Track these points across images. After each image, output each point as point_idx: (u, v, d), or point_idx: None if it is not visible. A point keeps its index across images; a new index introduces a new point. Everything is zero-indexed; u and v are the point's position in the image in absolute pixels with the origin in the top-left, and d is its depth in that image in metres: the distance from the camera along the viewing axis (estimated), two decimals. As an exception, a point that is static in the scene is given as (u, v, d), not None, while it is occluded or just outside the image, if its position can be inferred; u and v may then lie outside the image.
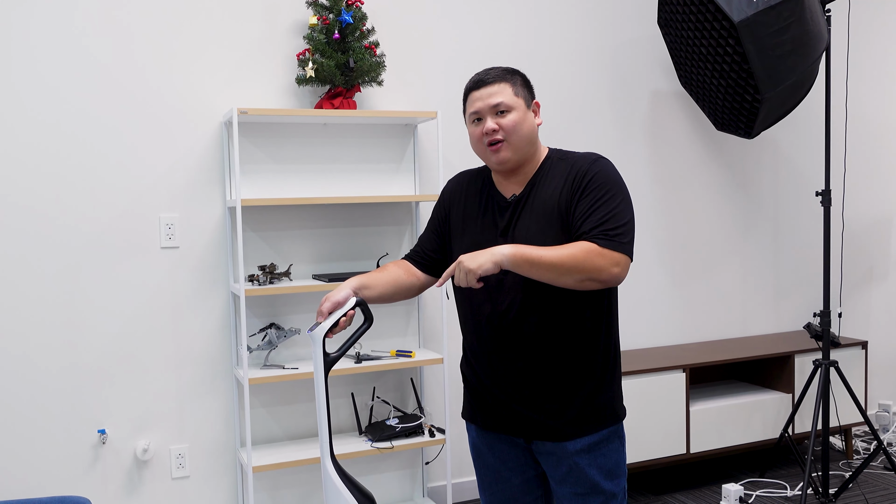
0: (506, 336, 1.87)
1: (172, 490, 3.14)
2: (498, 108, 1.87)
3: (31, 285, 2.92)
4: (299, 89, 3.25)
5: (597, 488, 1.87)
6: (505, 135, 1.86)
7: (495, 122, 1.87)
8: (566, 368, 1.86)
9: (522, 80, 1.93)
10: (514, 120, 1.87)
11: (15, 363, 2.91)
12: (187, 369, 3.14)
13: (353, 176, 3.35)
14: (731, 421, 3.70)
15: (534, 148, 1.92)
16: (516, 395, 1.89)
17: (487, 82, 1.89)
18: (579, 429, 1.86)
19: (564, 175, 1.88)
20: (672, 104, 3.96)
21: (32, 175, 2.91)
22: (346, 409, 3.38)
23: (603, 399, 1.88)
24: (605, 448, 1.89)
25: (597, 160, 1.88)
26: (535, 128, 1.92)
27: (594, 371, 1.88)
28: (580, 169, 1.86)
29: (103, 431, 3.01)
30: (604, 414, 1.88)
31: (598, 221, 1.79)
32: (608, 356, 1.90)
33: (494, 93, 1.87)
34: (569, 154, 1.93)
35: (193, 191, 3.12)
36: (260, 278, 3.06)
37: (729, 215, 4.15)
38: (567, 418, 1.86)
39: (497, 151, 1.87)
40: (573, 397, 1.86)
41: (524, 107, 1.90)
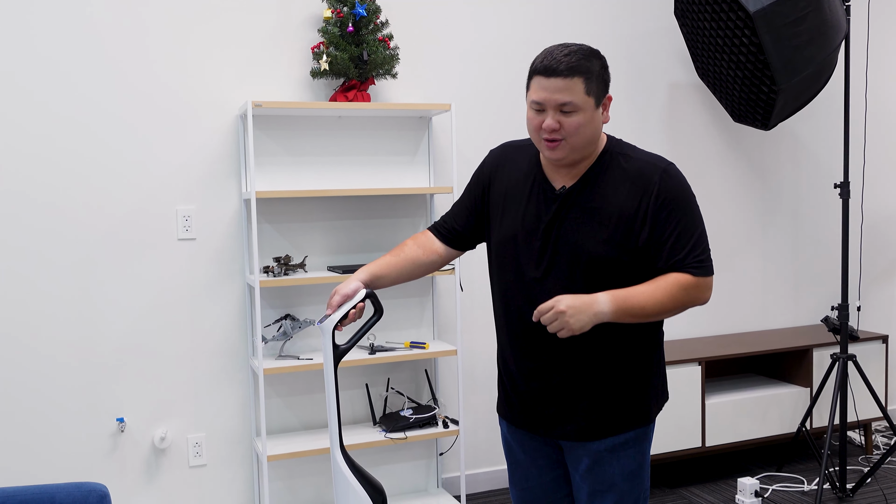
0: (539, 339, 1.81)
1: (190, 478, 3.18)
2: (564, 107, 1.71)
3: (51, 277, 2.97)
4: (314, 82, 3.28)
5: (615, 487, 1.84)
6: (566, 135, 1.72)
7: (557, 121, 1.72)
8: (599, 372, 1.80)
9: (600, 70, 1.75)
10: (579, 122, 1.71)
11: (36, 354, 2.96)
12: (204, 359, 3.18)
13: (367, 168, 3.37)
14: (748, 415, 3.68)
15: (593, 146, 1.79)
16: (545, 394, 1.84)
17: (560, 73, 1.70)
18: (605, 429, 1.82)
19: (630, 181, 1.76)
20: (689, 96, 3.93)
21: (50, 170, 2.96)
22: (361, 400, 3.41)
23: (634, 401, 1.83)
24: (630, 449, 1.84)
25: (668, 170, 1.77)
26: (601, 127, 1.77)
27: (628, 374, 1.82)
28: (654, 183, 1.75)
29: (122, 420, 3.06)
30: (633, 415, 1.83)
31: (688, 250, 1.75)
32: (646, 359, 1.84)
33: (564, 88, 1.70)
34: (631, 152, 1.81)
35: (209, 183, 3.16)
36: (275, 269, 3.09)
37: (747, 208, 4.12)
38: (593, 419, 1.81)
39: (553, 149, 1.74)
40: (603, 399, 1.81)
41: (593, 107, 1.73)
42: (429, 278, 3.48)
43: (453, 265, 3.26)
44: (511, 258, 1.84)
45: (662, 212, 1.74)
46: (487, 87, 3.56)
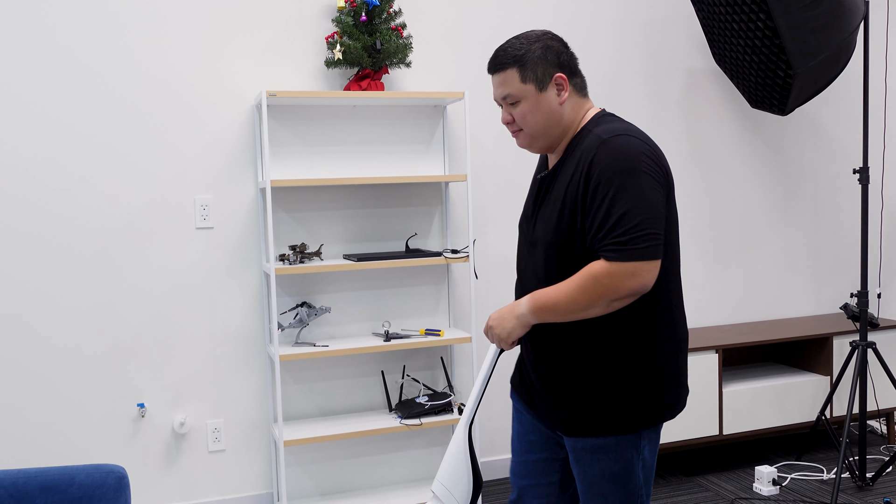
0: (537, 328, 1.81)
1: (209, 463, 3.24)
2: (507, 100, 1.77)
3: (73, 266, 3.04)
4: (328, 72, 3.30)
5: (598, 486, 1.80)
6: (520, 125, 1.78)
7: (508, 113, 1.79)
8: (584, 370, 1.75)
9: (540, 53, 1.74)
10: (523, 111, 1.76)
11: (58, 341, 3.03)
12: (222, 346, 3.23)
13: (382, 157, 3.39)
14: (766, 403, 3.66)
15: (560, 128, 1.77)
16: (540, 381, 1.84)
17: (495, 69, 1.77)
18: (584, 428, 1.77)
19: (578, 158, 1.71)
20: (707, 82, 3.90)
21: (71, 160, 3.02)
22: (377, 387, 3.44)
23: (613, 406, 1.73)
24: (610, 454, 1.76)
25: (608, 141, 1.67)
26: (558, 109, 1.75)
27: (609, 377, 1.73)
28: (590, 157, 1.68)
29: (142, 405, 3.12)
30: (611, 421, 1.74)
31: (606, 230, 1.63)
32: (634, 366, 1.73)
33: (500, 83, 1.77)
34: (594, 127, 1.74)
35: (226, 173, 3.20)
36: (290, 257, 3.13)
37: (767, 194, 4.08)
38: (574, 415, 1.78)
39: (517, 139, 1.82)
40: (584, 397, 1.75)
41: (535, 92, 1.74)
42: (443, 266, 3.50)
43: (467, 253, 3.27)
44: (521, 235, 1.92)
45: (591, 187, 1.65)
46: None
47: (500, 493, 3.50)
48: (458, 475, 1.97)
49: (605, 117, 1.77)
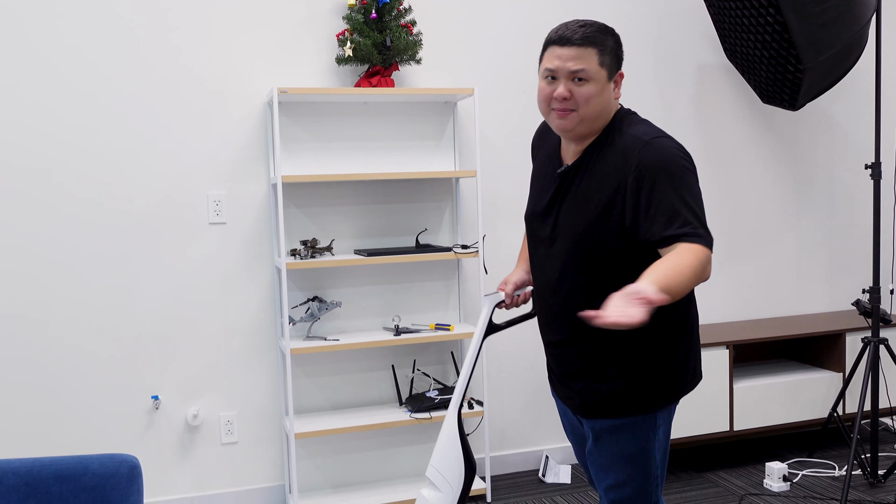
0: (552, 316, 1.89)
1: (222, 455, 3.29)
2: (577, 74, 1.72)
3: (90, 261, 3.09)
4: (340, 69, 3.34)
5: (615, 467, 1.88)
6: (576, 105, 1.73)
7: (568, 90, 1.73)
8: (600, 355, 1.82)
9: (614, 44, 1.76)
10: (590, 92, 1.72)
11: (76, 334, 3.09)
12: (235, 340, 3.28)
13: (393, 153, 3.42)
14: (777, 399, 3.65)
15: (603, 120, 1.78)
16: (558, 366, 1.93)
17: (574, 42, 1.71)
18: (603, 410, 1.85)
19: (616, 157, 1.73)
20: (719, 78, 3.89)
21: (87, 158, 3.07)
22: (387, 381, 3.47)
23: (629, 389, 1.82)
24: (628, 433, 1.85)
25: (651, 143, 1.70)
26: (610, 103, 1.77)
27: (627, 362, 1.81)
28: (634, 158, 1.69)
29: (157, 398, 3.17)
30: (631, 402, 1.82)
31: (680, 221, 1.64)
32: (651, 350, 1.80)
33: (577, 57, 1.71)
34: (627, 127, 1.76)
35: (239, 169, 3.24)
36: (302, 252, 3.17)
37: (781, 190, 4.06)
38: (592, 398, 1.86)
39: (563, 118, 1.75)
40: (601, 381, 1.83)
41: (605, 79, 1.74)
42: (454, 261, 3.52)
43: (477, 248, 3.29)
44: (531, 235, 1.93)
45: (644, 186, 1.67)
46: (512, 71, 3.58)
47: (509, 486, 3.52)
48: (451, 459, 2.00)
49: (630, 116, 1.81)
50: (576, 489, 3.47)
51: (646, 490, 1.90)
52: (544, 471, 3.59)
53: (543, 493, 3.44)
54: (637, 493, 1.90)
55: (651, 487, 1.91)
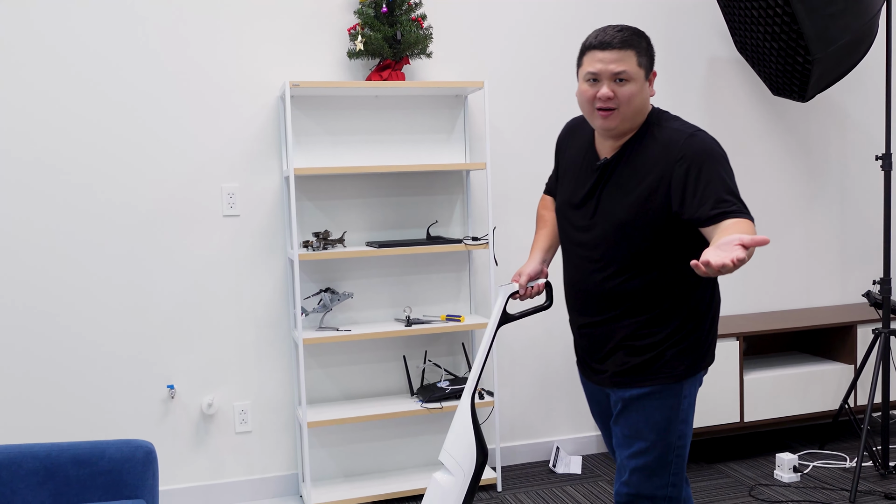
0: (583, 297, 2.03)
1: (236, 443, 3.34)
2: (619, 76, 1.86)
3: (109, 252, 3.16)
4: (351, 63, 3.38)
5: (641, 435, 2.00)
6: (619, 104, 1.88)
7: (611, 90, 1.87)
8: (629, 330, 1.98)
9: (647, 46, 1.91)
10: (631, 91, 1.87)
11: (94, 324, 3.16)
12: (249, 330, 3.33)
13: (404, 147, 3.46)
14: (788, 391, 3.65)
15: (640, 118, 1.93)
16: (588, 344, 2.07)
17: (614, 46, 1.87)
18: (631, 380, 1.99)
19: (659, 149, 1.89)
20: (729, 71, 3.90)
21: (102, 152, 3.14)
22: (399, 372, 3.51)
23: (656, 359, 1.97)
24: (655, 401, 1.98)
25: (694, 135, 1.87)
26: (647, 100, 1.92)
27: (655, 335, 1.96)
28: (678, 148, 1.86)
29: (172, 387, 3.23)
30: (658, 372, 1.97)
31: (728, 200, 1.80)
32: (678, 323, 1.96)
33: (619, 59, 1.86)
34: (666, 123, 1.92)
35: (253, 162, 3.29)
36: (314, 244, 3.21)
37: (792, 182, 4.06)
38: (621, 370, 2.00)
39: (606, 118, 1.90)
40: (630, 353, 1.98)
41: (643, 78, 1.89)
42: (464, 253, 3.56)
43: (487, 240, 3.33)
44: (565, 223, 2.06)
45: (691, 172, 1.84)
46: (522, 64, 3.61)
47: (520, 476, 3.55)
48: (464, 444, 2.05)
49: (665, 114, 1.98)
50: (586, 479, 3.49)
51: (666, 460, 2.01)
52: (555, 461, 3.62)
53: (554, 483, 3.47)
54: (657, 461, 2.01)
55: (671, 457, 2.01)
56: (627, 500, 2.05)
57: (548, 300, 2.23)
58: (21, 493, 2.39)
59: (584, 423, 3.81)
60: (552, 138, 3.67)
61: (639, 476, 2.02)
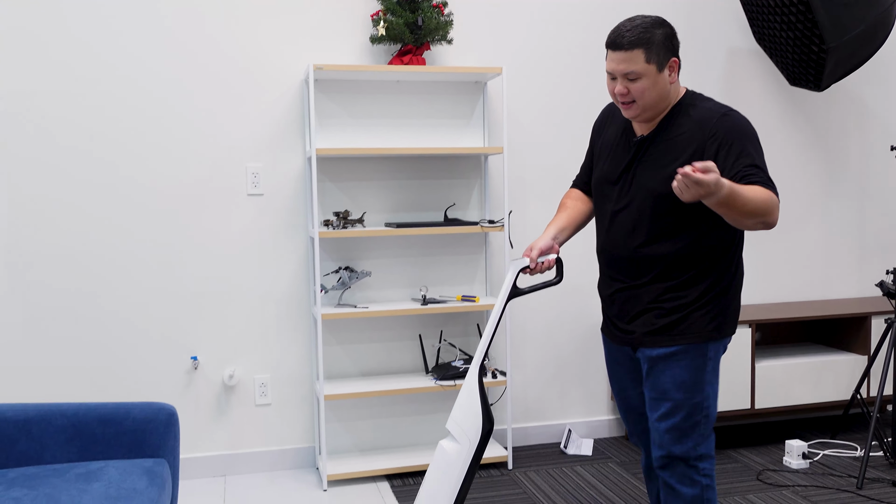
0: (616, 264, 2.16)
1: (256, 415, 3.46)
2: (628, 75, 2.00)
3: (140, 229, 3.29)
4: (373, 48, 3.48)
5: (668, 395, 2.11)
6: (635, 97, 2.02)
7: (625, 87, 2.01)
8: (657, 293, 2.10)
9: (662, 38, 1.99)
10: (643, 87, 2.00)
11: (125, 297, 3.29)
12: (270, 306, 3.44)
13: (424, 131, 3.55)
14: (800, 379, 3.68)
15: (665, 102, 2.05)
16: (617, 309, 2.18)
17: (622, 47, 1.99)
18: (659, 341, 2.11)
19: (693, 125, 2.02)
20: (749, 62, 3.93)
21: (141, 134, 3.27)
22: (415, 351, 3.60)
23: (683, 319, 2.08)
24: (682, 361, 2.09)
25: (728, 113, 2.01)
26: (668, 87, 2.03)
27: (682, 297, 2.08)
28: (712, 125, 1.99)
29: (195, 358, 3.35)
30: (684, 332, 2.08)
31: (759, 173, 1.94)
32: (703, 288, 2.08)
33: (626, 60, 1.99)
34: (700, 103, 2.06)
35: (277, 143, 3.40)
36: (334, 223, 3.31)
37: (810, 173, 4.08)
38: (649, 331, 2.11)
39: (627, 109, 2.05)
40: (658, 315, 2.10)
41: (655, 72, 1.99)
42: (481, 236, 3.64)
43: (503, 223, 3.40)
44: (602, 198, 2.20)
45: (723, 146, 1.98)
46: (541, 51, 3.68)
47: (530, 456, 3.62)
48: (470, 414, 2.12)
49: (698, 95, 2.11)
50: (597, 460, 3.55)
51: (695, 419, 2.11)
52: (566, 443, 3.68)
53: (564, 463, 3.54)
54: (685, 421, 2.11)
55: (699, 417, 2.12)
56: (663, 464, 2.18)
57: (558, 276, 2.29)
58: (50, 448, 2.52)
59: (597, 406, 3.87)
60: (570, 124, 3.73)
61: (670, 437, 2.14)
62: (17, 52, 3.13)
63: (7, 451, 2.48)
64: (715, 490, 2.21)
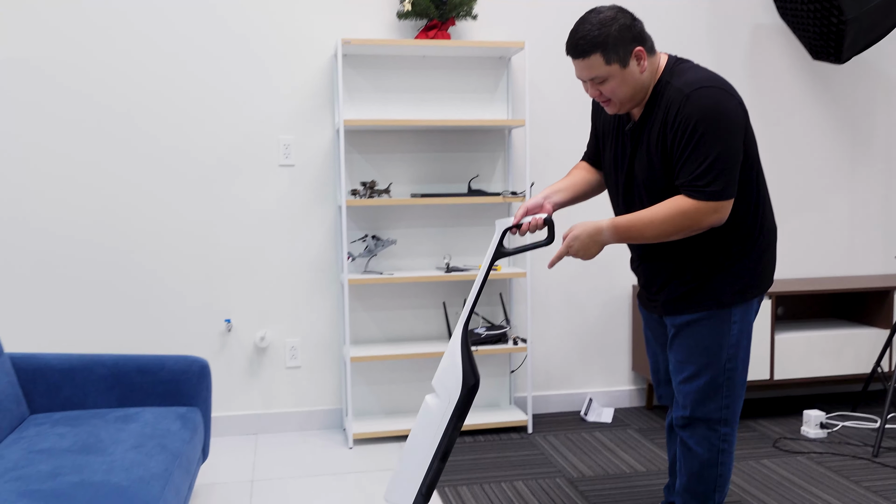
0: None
1: (286, 377, 3.61)
2: (593, 80, 2.01)
3: (177, 197, 3.46)
4: (400, 24, 3.59)
5: (690, 359, 2.17)
6: (608, 96, 2.03)
7: (596, 89, 2.03)
8: (678, 264, 2.15)
9: (617, 34, 1.94)
10: (612, 86, 2.00)
11: (161, 262, 3.46)
12: (301, 272, 3.59)
13: (449, 105, 3.65)
14: (820, 351, 3.71)
15: (644, 90, 2.03)
16: (644, 279, 2.26)
17: (578, 55, 1.98)
18: (681, 307, 2.17)
19: (665, 108, 1.99)
20: (773, 38, 3.95)
21: (175, 106, 3.43)
22: (439, 318, 3.72)
23: (704, 287, 2.12)
24: (704, 327, 2.14)
25: (691, 96, 1.94)
26: (640, 77, 2.00)
27: (701, 266, 2.12)
28: (676, 109, 1.96)
29: (229, 321, 3.52)
30: (701, 299, 2.13)
31: (689, 174, 1.96)
32: (722, 255, 2.11)
33: (587, 67, 1.98)
34: (674, 79, 2.00)
35: (307, 116, 3.54)
36: (361, 192, 3.44)
37: (836, 150, 4.10)
38: (672, 298, 2.18)
39: (607, 107, 2.07)
40: (679, 284, 2.16)
41: (620, 69, 1.97)
42: (504, 206, 3.74)
43: (525, 194, 3.50)
44: (609, 183, 2.26)
45: (679, 135, 1.97)
46: (564, 26, 3.75)
47: (550, 422, 3.72)
48: (451, 371, 2.20)
49: (678, 66, 2.05)
50: (616, 427, 3.64)
51: (717, 382, 2.16)
52: (586, 410, 3.77)
53: (583, 429, 3.63)
54: (709, 384, 2.17)
55: (722, 380, 2.16)
56: (683, 424, 2.23)
57: (549, 237, 2.22)
58: (92, 395, 2.69)
59: (619, 376, 3.95)
60: (590, 98, 3.80)
61: (692, 399, 2.19)
62: (65, 24, 3.31)
63: (53, 397, 2.67)
64: (731, 456, 2.23)
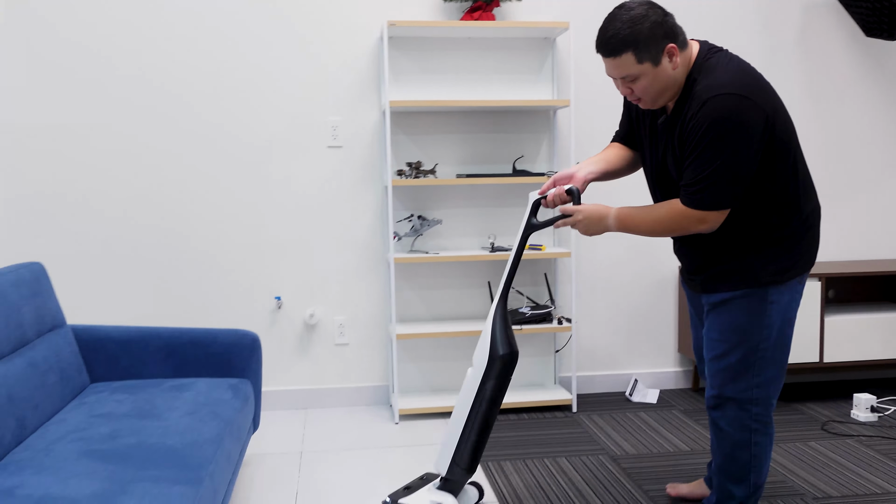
0: None
1: (334, 354, 3.70)
2: (625, 79, 1.99)
3: (229, 178, 3.56)
4: (445, 6, 3.62)
5: (723, 337, 2.18)
6: (639, 94, 2.03)
7: (628, 87, 2.02)
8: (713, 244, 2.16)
9: (649, 32, 1.91)
10: (643, 85, 1.99)
11: (214, 242, 3.58)
12: (349, 252, 3.66)
13: (494, 86, 3.68)
14: (871, 334, 3.65)
15: (676, 85, 2.02)
16: (683, 259, 2.29)
17: (609, 54, 1.96)
18: (717, 286, 2.18)
19: (688, 115, 1.99)
20: (825, 15, 3.87)
21: (229, 90, 3.53)
22: (484, 298, 3.76)
23: (739, 267, 2.12)
24: (736, 305, 2.14)
25: (708, 102, 1.92)
26: (672, 74, 1.98)
27: (736, 246, 2.12)
28: (694, 112, 1.95)
29: (279, 298, 3.62)
30: (736, 278, 2.13)
31: (687, 178, 2.00)
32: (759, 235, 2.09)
33: (617, 66, 1.97)
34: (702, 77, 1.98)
35: (354, 97, 3.61)
36: (407, 172, 3.50)
37: (889, 129, 4.00)
38: (708, 277, 2.20)
39: (639, 104, 2.07)
40: (713, 262, 2.17)
41: (651, 67, 1.95)
42: (549, 188, 3.75)
43: (569, 173, 3.51)
44: (647, 173, 2.29)
45: (689, 138, 1.99)
46: (608, 6, 3.74)
47: (594, 402, 3.73)
48: (483, 344, 2.32)
49: (708, 61, 2.02)
50: (661, 408, 3.64)
51: (749, 361, 2.16)
52: (632, 391, 3.78)
53: (628, 409, 3.63)
54: (740, 363, 2.17)
55: (754, 359, 2.16)
56: (714, 403, 2.24)
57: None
58: (149, 365, 2.81)
59: (664, 358, 3.94)
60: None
61: (723, 377, 2.20)
62: (132, 14, 3.43)
63: (111, 366, 2.79)
64: (767, 438, 2.21)
